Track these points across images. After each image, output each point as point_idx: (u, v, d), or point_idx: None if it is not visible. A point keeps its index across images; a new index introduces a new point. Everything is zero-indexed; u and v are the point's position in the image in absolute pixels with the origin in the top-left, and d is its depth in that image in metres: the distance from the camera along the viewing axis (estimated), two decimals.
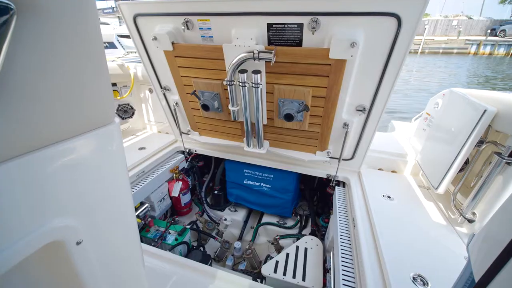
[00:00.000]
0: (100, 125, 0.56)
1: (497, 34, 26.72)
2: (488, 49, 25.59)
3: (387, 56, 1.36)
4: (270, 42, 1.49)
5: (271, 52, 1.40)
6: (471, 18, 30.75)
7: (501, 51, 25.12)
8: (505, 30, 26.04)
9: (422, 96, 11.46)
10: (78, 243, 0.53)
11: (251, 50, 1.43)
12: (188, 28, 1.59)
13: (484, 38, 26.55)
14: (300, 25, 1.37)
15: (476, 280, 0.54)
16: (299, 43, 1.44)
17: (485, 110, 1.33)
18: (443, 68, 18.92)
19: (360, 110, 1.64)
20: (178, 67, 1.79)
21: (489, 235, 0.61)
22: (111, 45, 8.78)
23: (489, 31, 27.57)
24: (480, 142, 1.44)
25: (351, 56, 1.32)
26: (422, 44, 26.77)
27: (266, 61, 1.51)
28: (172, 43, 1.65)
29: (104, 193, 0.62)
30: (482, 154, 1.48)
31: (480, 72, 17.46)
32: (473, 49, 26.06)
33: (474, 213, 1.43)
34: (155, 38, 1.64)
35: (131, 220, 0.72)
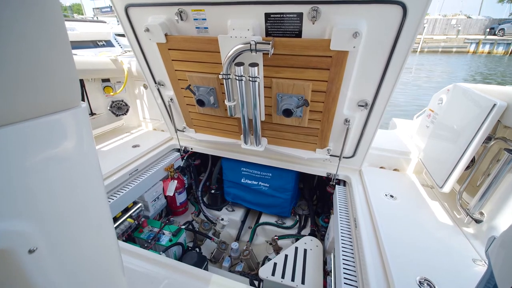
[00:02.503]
0: (61, 109, 0.47)
1: (496, 33, 26.74)
2: (487, 48, 25.60)
3: (391, 47, 1.29)
4: (268, 33, 1.42)
5: (269, 43, 1.32)
6: (469, 17, 30.76)
7: (500, 49, 25.14)
8: (504, 29, 26.06)
9: (422, 94, 11.45)
10: (30, 252, 0.45)
11: (247, 41, 1.35)
12: (182, 19, 1.51)
13: (483, 37, 26.55)
14: (300, 15, 1.30)
15: None
16: (298, 34, 1.37)
17: (494, 105, 1.26)
18: (443, 67, 18.91)
19: (362, 106, 1.57)
20: (172, 60, 1.71)
21: (509, 239, 0.55)
22: (109, 44, 8.69)
23: (488, 30, 27.56)
24: (488, 139, 1.38)
25: (354, 47, 1.25)
26: (421, 43, 26.74)
27: (263, 53, 1.44)
28: (165, 35, 1.57)
29: (68, 191, 0.53)
30: (490, 151, 1.42)
31: (480, 70, 17.49)
32: (472, 48, 26.06)
33: (482, 213, 1.36)
34: (147, 30, 1.56)
35: (105, 223, 0.64)
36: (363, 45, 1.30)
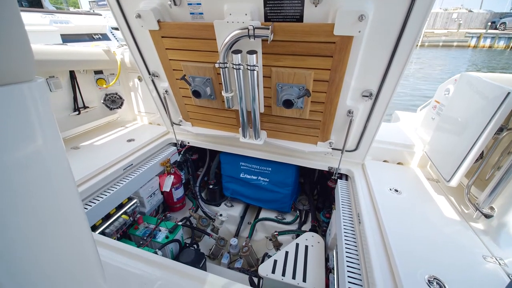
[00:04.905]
0: (5, 82, 0.37)
1: (497, 27, 26.48)
2: (488, 42, 25.38)
3: (399, 32, 1.21)
4: (267, 18, 1.33)
5: (268, 28, 1.23)
6: (471, 11, 30.41)
7: (501, 44, 24.92)
8: (505, 23, 25.80)
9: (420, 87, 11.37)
10: None
11: (245, 26, 1.27)
12: (175, 4, 1.42)
13: (484, 31, 26.31)
14: None
15: None
16: (299, 19, 1.28)
17: (508, 93, 1.18)
18: (443, 60, 18.78)
19: (366, 96, 1.49)
20: (166, 49, 1.62)
21: None
22: (105, 37, 8.52)
23: (489, 24, 27.30)
24: (500, 130, 1.30)
25: (359, 31, 1.17)
26: (421, 36, 26.48)
27: (262, 40, 1.35)
28: (158, 21, 1.48)
29: (19, 190, 0.43)
30: (501, 142, 1.35)
31: (481, 65, 17.40)
32: (473, 42, 25.84)
33: (492, 208, 1.30)
34: (138, 16, 1.47)
35: (79, 227, 0.55)
36: (369, 29, 1.22)
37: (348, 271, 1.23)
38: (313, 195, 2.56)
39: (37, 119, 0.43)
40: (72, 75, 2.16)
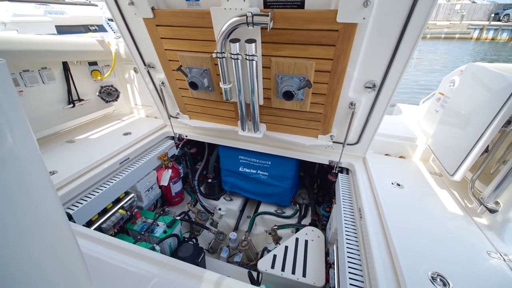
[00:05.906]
0: None
1: (501, 18, 26.08)
2: (491, 34, 25.00)
3: (405, 21, 1.15)
4: (266, 5, 1.26)
5: (268, 15, 1.17)
6: (474, 2, 29.86)
7: (504, 36, 24.54)
8: (508, 14, 25.38)
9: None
10: None
11: (243, 13, 1.20)
12: None
13: (487, 22, 25.88)
14: None
15: None
16: (300, 5, 1.21)
17: None
18: (444, 54, 18.56)
19: (370, 87, 1.44)
20: (161, 38, 1.56)
21: None
22: (101, 28, 8.37)
23: (492, 15, 26.86)
24: (507, 123, 1.26)
25: (364, 18, 1.11)
26: None
27: (261, 28, 1.29)
28: (152, 8, 1.41)
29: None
30: (508, 136, 1.30)
31: (482, 58, 17.20)
32: (475, 34, 25.45)
33: (497, 203, 1.27)
34: (131, 3, 1.40)
35: (55, 224, 0.51)
36: (374, 16, 1.15)
37: (349, 266, 1.20)
38: (313, 189, 2.53)
39: None
40: (66, 66, 2.09)
